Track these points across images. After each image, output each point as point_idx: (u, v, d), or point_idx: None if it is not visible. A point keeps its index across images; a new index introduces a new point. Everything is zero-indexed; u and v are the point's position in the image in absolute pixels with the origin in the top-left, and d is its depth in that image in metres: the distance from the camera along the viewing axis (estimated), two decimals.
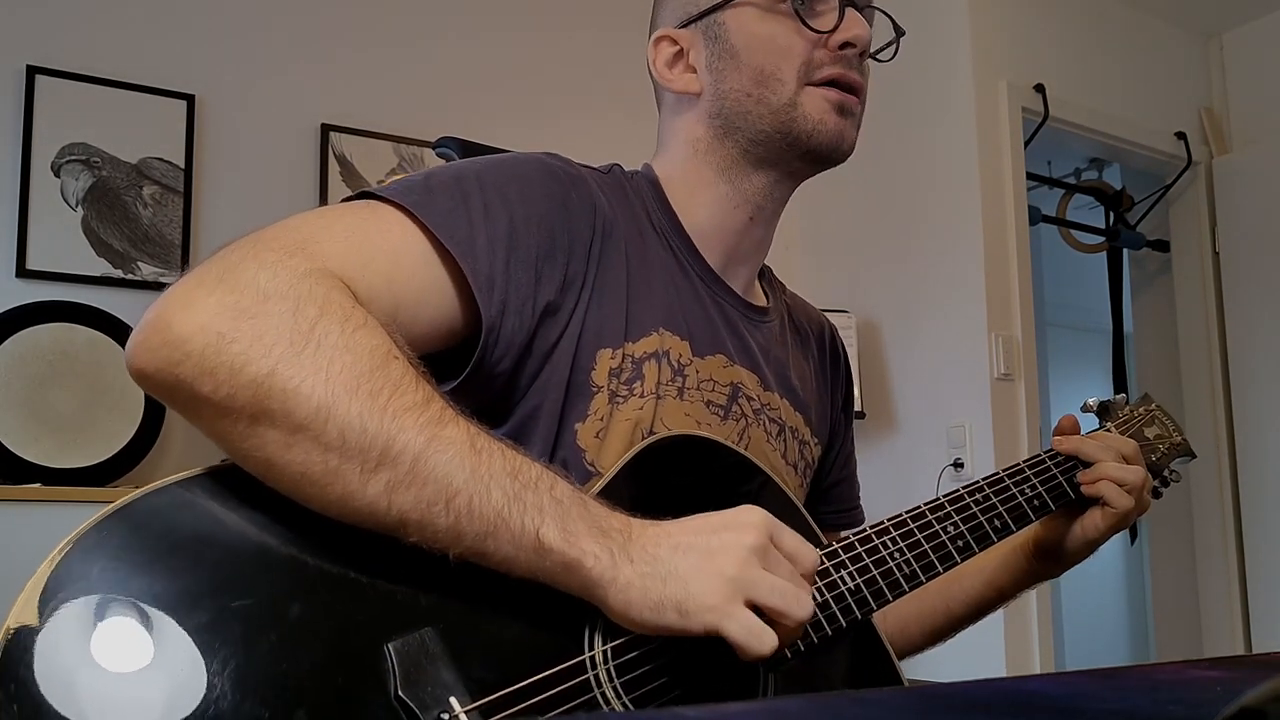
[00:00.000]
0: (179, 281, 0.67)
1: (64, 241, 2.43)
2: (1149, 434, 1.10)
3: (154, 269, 2.52)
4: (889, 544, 0.84)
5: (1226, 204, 3.49)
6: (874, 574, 0.81)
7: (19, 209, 2.40)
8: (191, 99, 2.61)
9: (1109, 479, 0.97)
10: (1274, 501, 3.26)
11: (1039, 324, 3.43)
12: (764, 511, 0.71)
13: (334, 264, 0.70)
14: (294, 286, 0.66)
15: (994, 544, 0.91)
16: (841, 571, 0.80)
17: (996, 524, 0.92)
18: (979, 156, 2.99)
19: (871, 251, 3.26)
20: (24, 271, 2.38)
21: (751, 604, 0.67)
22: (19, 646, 0.56)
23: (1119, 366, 3.57)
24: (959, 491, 0.92)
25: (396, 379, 0.66)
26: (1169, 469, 1.11)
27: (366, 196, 0.79)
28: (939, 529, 0.87)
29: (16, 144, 2.42)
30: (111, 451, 2.34)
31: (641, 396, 0.85)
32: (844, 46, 0.91)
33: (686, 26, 0.95)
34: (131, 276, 2.49)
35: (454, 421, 0.67)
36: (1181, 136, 3.48)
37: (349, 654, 0.63)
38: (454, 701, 0.63)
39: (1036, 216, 3.26)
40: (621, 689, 0.69)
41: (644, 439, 0.83)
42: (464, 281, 0.77)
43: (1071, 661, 4.05)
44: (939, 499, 0.90)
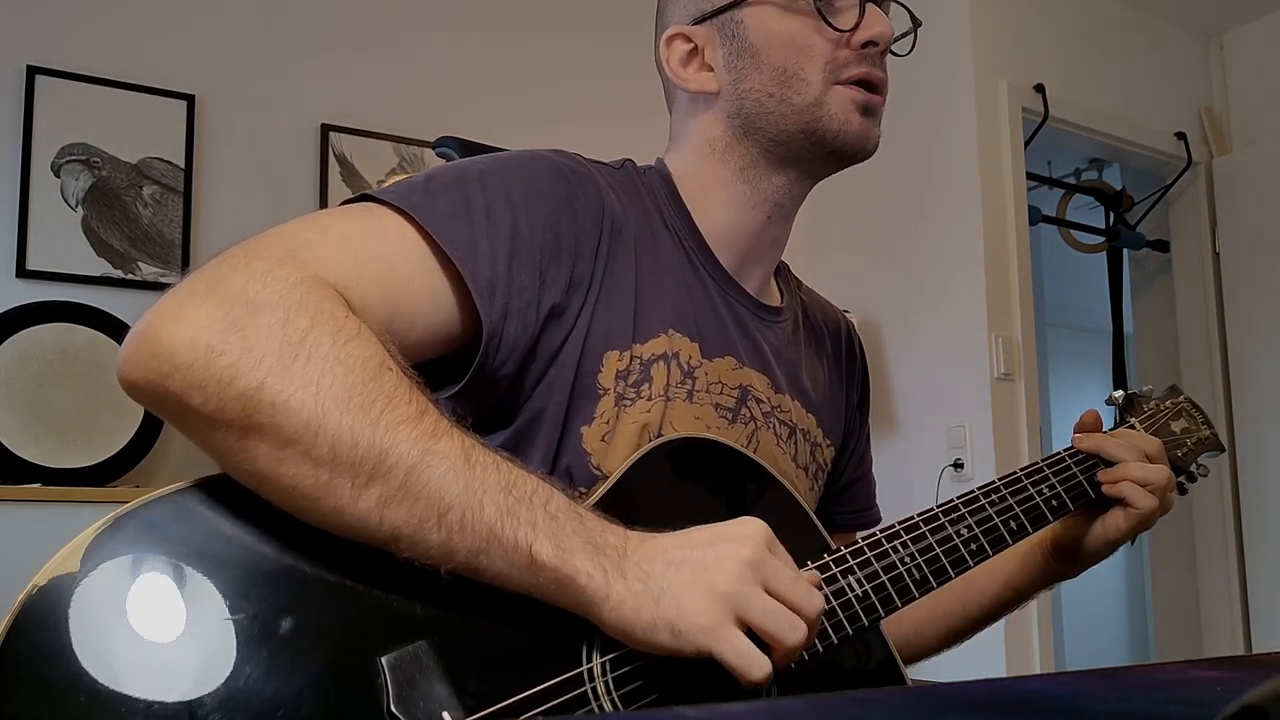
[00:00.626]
0: (170, 292, 0.66)
1: (64, 241, 2.43)
2: (1175, 428, 1.06)
3: (154, 269, 2.52)
4: (899, 548, 0.81)
5: (1226, 204, 3.49)
6: (883, 580, 0.79)
7: (19, 209, 2.40)
8: (191, 99, 2.61)
9: (1131, 479, 0.94)
10: (1274, 501, 3.26)
11: (1039, 324, 3.43)
12: (761, 523, 0.69)
13: (327, 272, 0.69)
14: (284, 297, 0.65)
15: (1009, 546, 0.89)
16: (849, 578, 0.78)
17: (1012, 525, 0.89)
18: (979, 156, 2.99)
19: (871, 251, 3.26)
20: (24, 271, 2.38)
21: (744, 623, 0.66)
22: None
23: (1119, 367, 3.57)
24: (974, 493, 0.89)
25: (389, 391, 0.65)
26: (1197, 464, 1.07)
27: (366, 199, 0.78)
28: (951, 531, 0.85)
29: (16, 144, 2.42)
30: (111, 451, 2.34)
31: (650, 399, 0.84)
32: (867, 45, 0.90)
33: (701, 24, 0.93)
34: (131, 276, 2.49)
35: (448, 434, 0.66)
36: (1181, 136, 3.48)
37: (341, 668, 0.62)
38: (447, 716, 0.62)
39: (1036, 216, 3.26)
40: (620, 702, 0.68)
41: (651, 441, 0.81)
42: (464, 287, 0.75)
43: (1071, 661, 4.06)
44: (953, 500, 0.87)
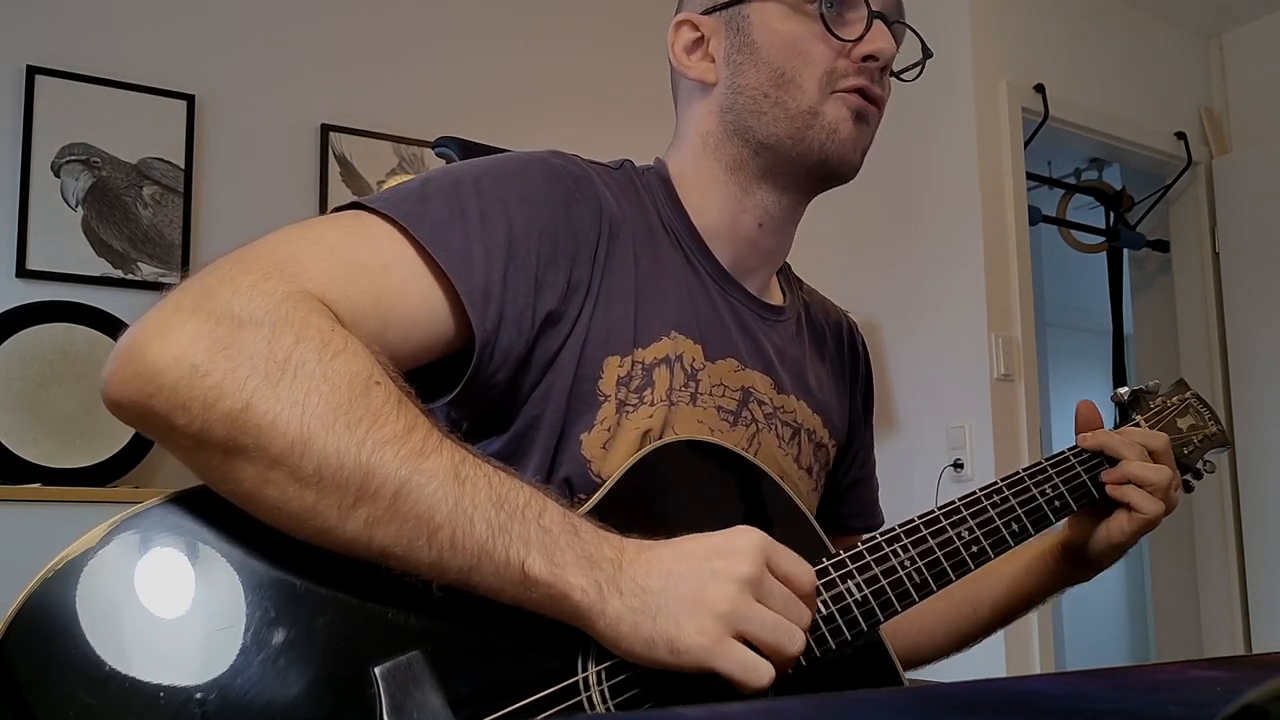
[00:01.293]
0: (156, 306, 0.65)
1: (64, 241, 2.43)
2: (1182, 424, 1.05)
3: (154, 269, 2.52)
4: (899, 551, 0.81)
5: (1226, 204, 3.49)
6: (883, 584, 0.78)
7: (19, 209, 2.40)
8: (191, 99, 2.61)
9: (1134, 480, 0.94)
10: (1274, 501, 3.26)
11: (1039, 324, 3.43)
12: (759, 534, 0.69)
13: (315, 285, 0.68)
14: (270, 312, 0.64)
15: (1011, 549, 0.88)
16: (849, 583, 0.77)
17: (1014, 528, 0.88)
18: (979, 156, 2.99)
19: (871, 251, 3.26)
20: (24, 271, 2.38)
21: (743, 638, 0.66)
22: None
23: (1119, 367, 3.57)
24: (976, 494, 0.88)
25: (376, 408, 0.64)
26: (1204, 460, 1.06)
27: (358, 207, 0.77)
28: (952, 534, 0.84)
29: (16, 144, 2.42)
30: (111, 451, 2.34)
31: (652, 404, 0.83)
32: (867, 59, 0.89)
33: (711, 14, 0.93)
34: (131, 276, 2.49)
35: (436, 450, 0.65)
36: (1181, 136, 3.48)
37: (334, 679, 0.62)
38: None
39: (1036, 216, 3.26)
40: (616, 710, 0.68)
41: (649, 445, 0.81)
42: (458, 295, 0.75)
43: (1071, 661, 4.06)
44: (954, 502, 0.86)
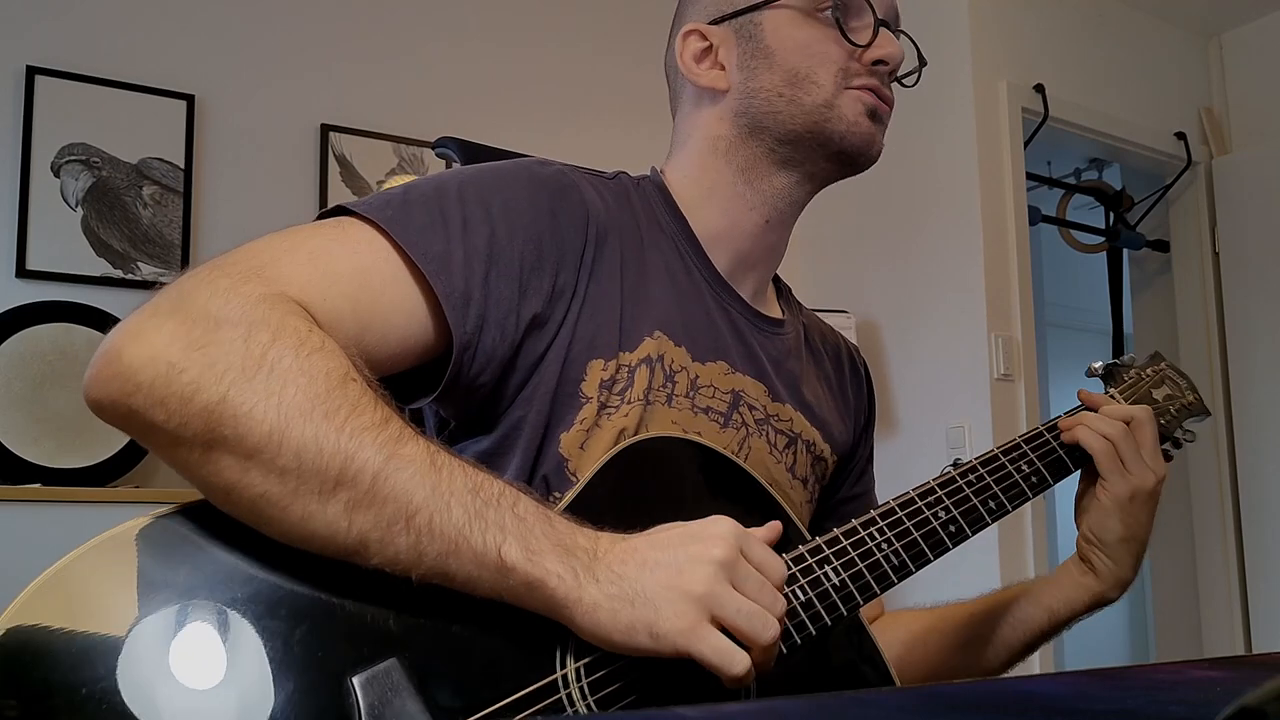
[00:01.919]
0: (135, 310, 0.67)
1: (64, 241, 2.43)
2: (1158, 395, 1.05)
3: (154, 269, 2.52)
4: (876, 535, 0.81)
5: (1226, 204, 3.49)
6: (860, 568, 0.79)
7: (19, 209, 2.40)
8: (191, 99, 2.61)
9: (1084, 423, 0.94)
10: (1274, 501, 3.26)
11: (1039, 324, 3.43)
12: (732, 522, 0.69)
13: (293, 288, 0.70)
14: (247, 313, 0.65)
15: (989, 525, 0.88)
16: (826, 568, 0.77)
17: (991, 505, 0.88)
18: (979, 156, 2.99)
19: (871, 251, 3.26)
20: (24, 271, 2.38)
21: (718, 622, 0.66)
22: None
23: None
24: (951, 475, 0.88)
25: (354, 399, 0.65)
26: (1182, 428, 1.06)
27: (342, 212, 0.78)
28: (929, 515, 0.84)
29: (16, 144, 2.42)
30: (111, 451, 2.34)
31: (630, 403, 0.84)
32: (878, 63, 0.92)
33: (719, 24, 0.94)
34: (131, 276, 2.49)
35: (413, 440, 0.66)
36: (1181, 136, 3.48)
37: (313, 691, 0.61)
38: None
39: (1036, 216, 3.26)
40: (596, 706, 0.68)
41: (622, 442, 0.81)
42: (438, 299, 0.76)
43: (1071, 661, 4.05)
44: (929, 484, 0.87)
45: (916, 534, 0.83)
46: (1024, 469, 0.92)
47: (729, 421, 0.90)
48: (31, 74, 2.44)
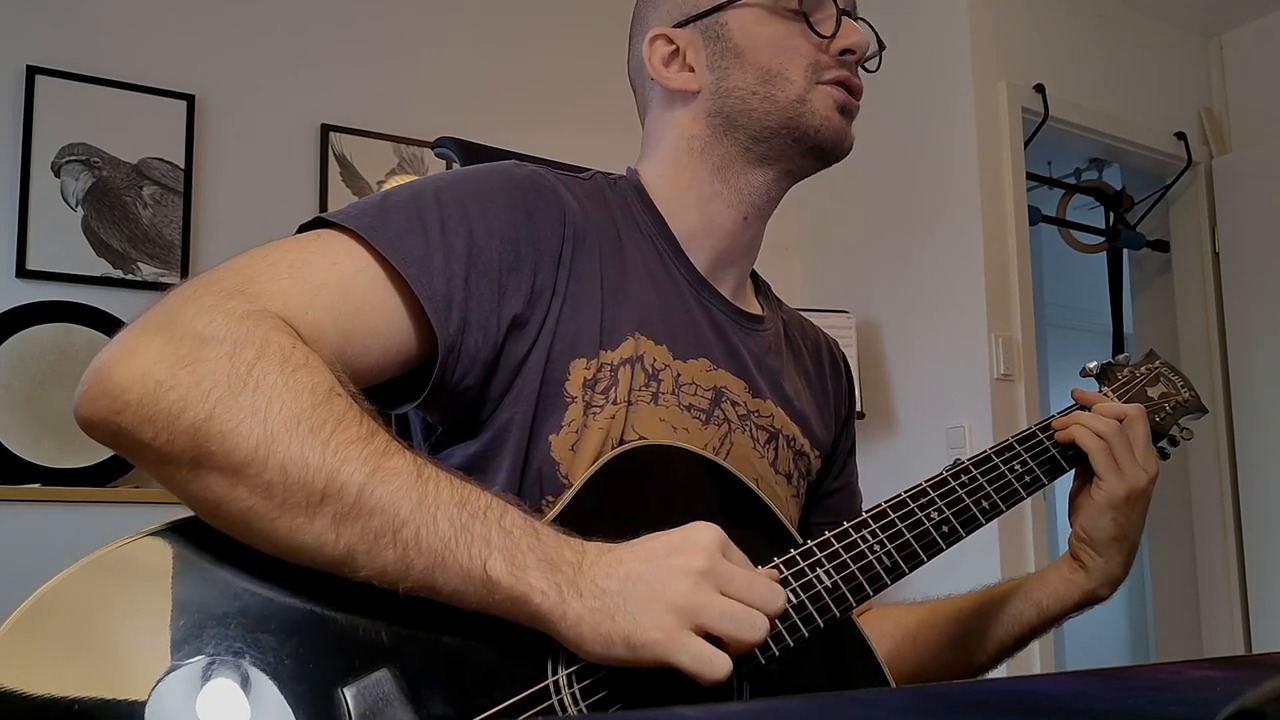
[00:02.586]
0: (123, 330, 0.68)
1: (64, 242, 2.43)
2: (1152, 393, 1.04)
3: (154, 269, 2.52)
4: (868, 537, 0.81)
5: (1226, 204, 3.49)
6: (853, 569, 0.78)
7: (19, 209, 2.40)
8: (191, 99, 2.61)
9: (1078, 422, 0.94)
10: (1274, 501, 3.26)
11: (1039, 324, 3.43)
12: (713, 528, 0.69)
13: (275, 304, 0.70)
14: (231, 330, 0.66)
15: (982, 526, 0.87)
16: (818, 570, 0.77)
17: (984, 505, 0.88)
18: (979, 156, 2.99)
19: (871, 251, 3.26)
20: (24, 271, 2.38)
21: (702, 631, 0.66)
22: None
23: None
24: (943, 476, 0.88)
25: (339, 414, 0.66)
26: (1178, 426, 1.05)
27: (321, 224, 0.79)
28: (922, 516, 0.84)
29: (16, 144, 2.42)
30: (111, 452, 2.33)
31: (614, 404, 0.84)
32: (845, 53, 0.93)
33: (684, 26, 0.95)
34: (131, 277, 2.49)
35: (399, 453, 0.67)
36: (1181, 136, 3.48)
37: (304, 703, 0.62)
38: None
39: (1036, 216, 3.26)
40: (587, 712, 0.68)
41: (612, 450, 0.81)
42: (419, 303, 0.76)
43: (1071, 661, 4.05)
44: (922, 484, 0.86)
45: (909, 535, 0.83)
46: (1017, 468, 0.92)
47: (710, 418, 0.90)
48: (31, 74, 2.44)
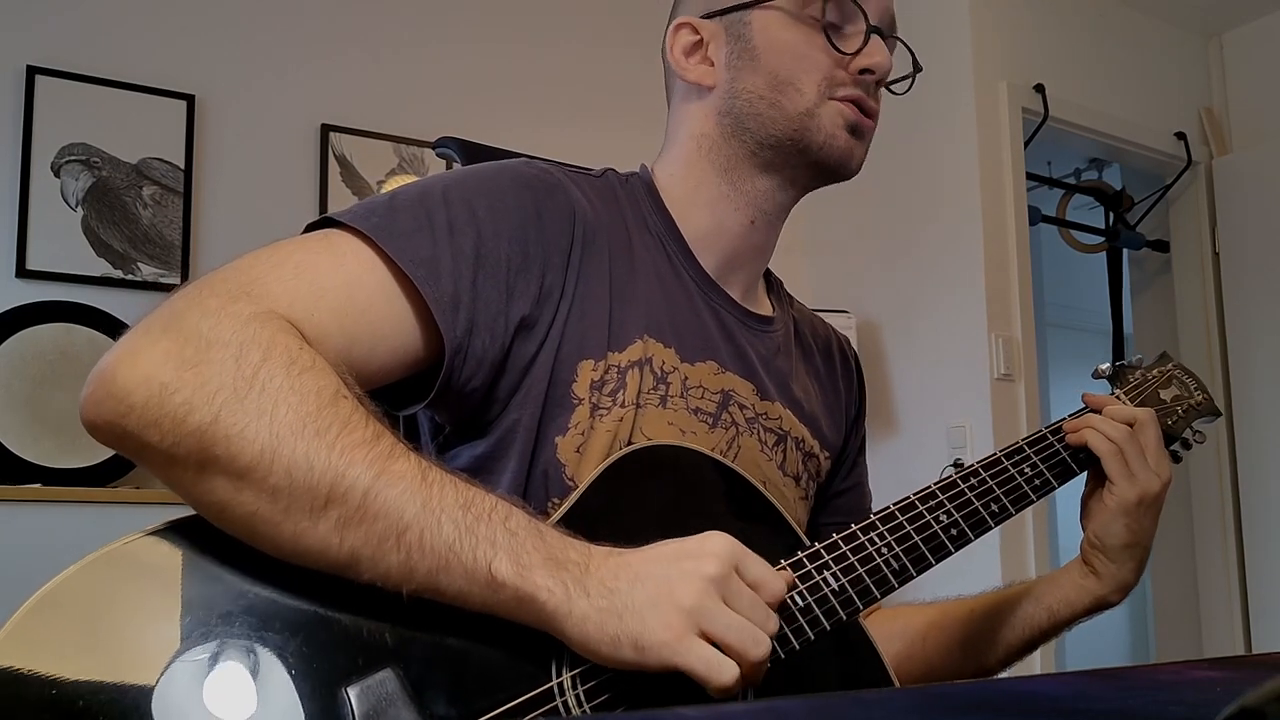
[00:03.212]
0: (128, 332, 0.67)
1: (64, 242, 2.43)
2: (1165, 396, 1.03)
3: (154, 269, 2.52)
4: (876, 540, 0.80)
5: (1226, 204, 3.49)
6: (860, 572, 0.78)
7: (19, 209, 2.40)
8: (191, 99, 2.61)
9: (1092, 425, 0.93)
10: (1274, 501, 3.26)
11: (1039, 324, 3.43)
12: (728, 538, 0.69)
13: (281, 305, 0.70)
14: (237, 333, 0.66)
15: (991, 529, 0.87)
16: (825, 573, 0.77)
17: (994, 508, 0.87)
18: (979, 156, 2.99)
19: (871, 251, 3.26)
20: (24, 271, 2.38)
21: (707, 637, 0.65)
22: None
23: None
24: (952, 477, 0.87)
25: (345, 417, 0.65)
26: (1191, 429, 1.04)
27: (328, 223, 0.78)
28: (930, 519, 0.83)
29: (16, 144, 2.42)
30: (111, 452, 2.33)
31: (622, 407, 0.83)
32: (864, 71, 0.91)
33: (711, 18, 0.94)
34: (131, 277, 2.49)
35: (404, 456, 0.66)
36: (1181, 136, 3.48)
37: (307, 702, 0.62)
38: None
39: (1036, 216, 3.26)
40: (591, 713, 0.68)
41: (620, 450, 0.81)
42: (426, 304, 0.76)
43: (1071, 661, 4.05)
44: (930, 487, 0.86)
45: (917, 538, 0.82)
46: (1027, 471, 0.91)
47: (718, 422, 0.89)
48: (31, 74, 2.44)
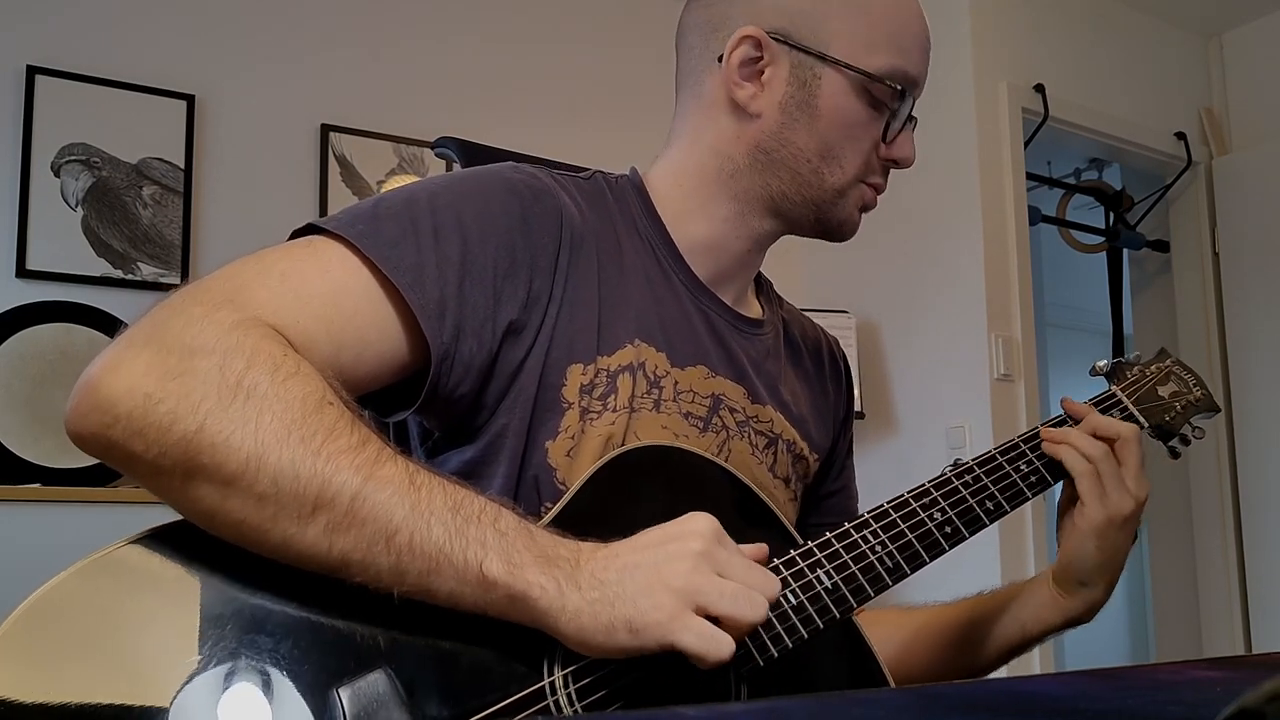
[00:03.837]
0: (112, 343, 0.67)
1: (64, 242, 2.43)
2: (1163, 392, 1.02)
3: (154, 269, 2.52)
4: (870, 537, 0.80)
5: (1226, 204, 3.49)
6: (853, 570, 0.78)
7: (19, 209, 2.40)
8: (191, 99, 2.61)
9: (1070, 442, 0.91)
10: (1274, 501, 3.26)
11: (1039, 324, 3.43)
12: (708, 516, 0.69)
13: (266, 312, 0.70)
14: (221, 340, 0.66)
15: (985, 526, 0.86)
16: (818, 571, 0.77)
17: (988, 505, 0.86)
18: (979, 157, 2.99)
19: (871, 251, 3.26)
20: (24, 271, 2.38)
21: (703, 611, 0.66)
22: None
23: None
24: (947, 475, 0.87)
25: (330, 424, 0.65)
26: (1190, 425, 1.03)
27: (313, 230, 0.78)
28: (924, 516, 0.83)
29: (16, 144, 2.42)
30: None
31: (615, 410, 0.83)
32: (891, 161, 0.94)
33: (780, 43, 0.90)
34: (131, 277, 2.49)
35: (391, 460, 0.66)
36: (1181, 136, 3.48)
37: (298, 704, 0.62)
38: None
39: (1036, 216, 3.26)
40: (583, 712, 0.68)
41: (612, 451, 0.81)
42: (412, 311, 0.75)
43: (1071, 661, 4.05)
44: (924, 485, 0.85)
45: (911, 535, 0.82)
46: (1023, 468, 0.91)
47: (708, 426, 0.89)
48: (31, 74, 2.44)
